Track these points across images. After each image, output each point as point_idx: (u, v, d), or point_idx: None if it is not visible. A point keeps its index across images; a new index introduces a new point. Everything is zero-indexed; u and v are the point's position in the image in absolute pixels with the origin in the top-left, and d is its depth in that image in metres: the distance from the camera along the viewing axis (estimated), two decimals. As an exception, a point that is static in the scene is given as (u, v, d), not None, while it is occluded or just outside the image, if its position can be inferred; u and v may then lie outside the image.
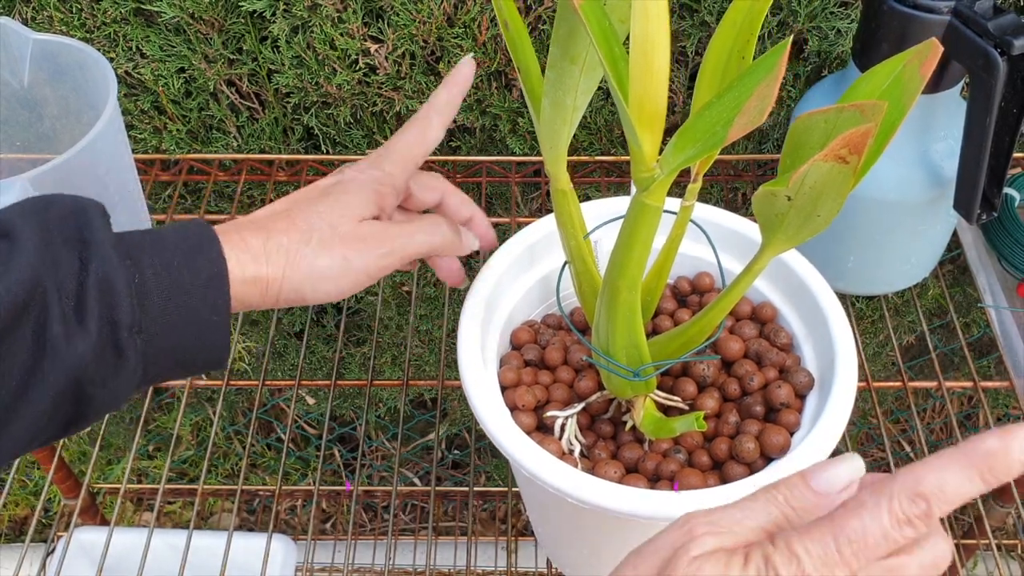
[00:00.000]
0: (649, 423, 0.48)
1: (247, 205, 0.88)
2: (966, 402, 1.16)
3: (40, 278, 0.37)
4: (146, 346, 0.40)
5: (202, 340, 0.42)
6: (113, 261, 0.39)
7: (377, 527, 1.31)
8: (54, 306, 0.37)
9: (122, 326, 0.39)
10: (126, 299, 0.39)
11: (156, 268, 0.40)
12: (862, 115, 0.34)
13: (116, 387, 0.40)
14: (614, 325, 0.44)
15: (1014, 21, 0.49)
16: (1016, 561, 1.23)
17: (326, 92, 0.77)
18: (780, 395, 0.50)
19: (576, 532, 0.52)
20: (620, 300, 0.43)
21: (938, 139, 0.58)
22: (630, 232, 0.40)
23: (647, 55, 0.34)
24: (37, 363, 0.37)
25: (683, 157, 0.37)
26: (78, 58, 0.63)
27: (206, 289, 0.41)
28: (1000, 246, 0.68)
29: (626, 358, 0.45)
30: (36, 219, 0.39)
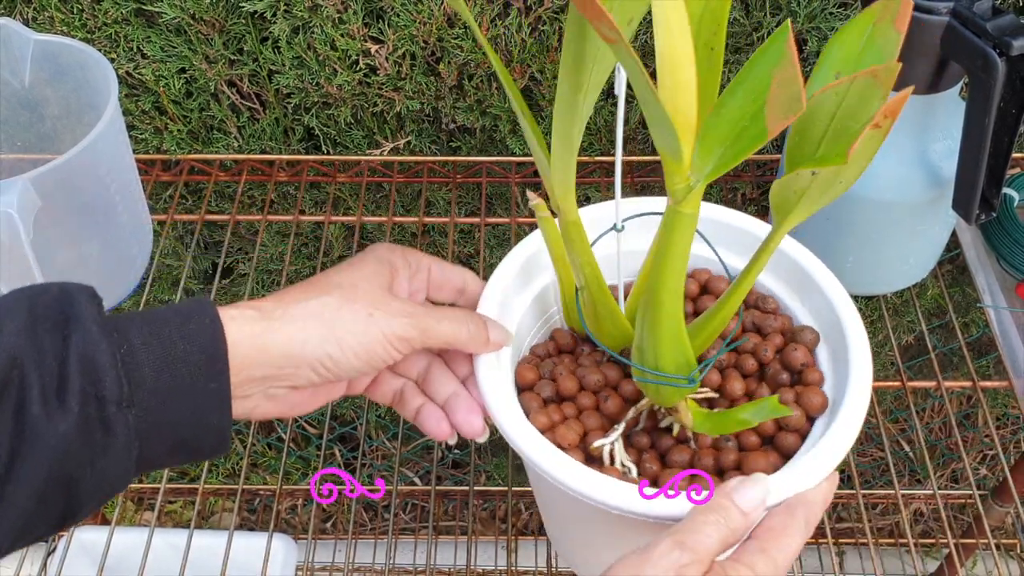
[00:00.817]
0: (705, 421, 0.47)
1: (247, 205, 0.88)
2: (965, 402, 1.16)
3: (18, 359, 0.36)
4: (139, 422, 0.38)
5: (201, 414, 0.40)
6: (94, 335, 0.37)
7: (377, 527, 1.31)
8: (33, 387, 0.36)
9: (108, 401, 0.37)
10: (111, 372, 0.37)
11: (145, 338, 0.39)
12: (876, 81, 0.34)
13: (105, 467, 0.38)
14: (660, 337, 0.43)
15: (1013, 22, 0.50)
16: (1015, 561, 1.23)
17: (327, 92, 0.77)
18: (798, 357, 0.50)
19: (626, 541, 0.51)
20: (664, 312, 0.42)
21: (937, 139, 0.59)
22: (668, 243, 0.40)
23: (675, 68, 0.34)
24: (17, 447, 0.35)
25: (713, 161, 0.36)
26: (79, 58, 0.63)
27: (202, 355, 0.39)
28: (999, 246, 0.68)
29: (674, 366, 0.45)
30: (23, 306, 0.37)
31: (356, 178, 0.82)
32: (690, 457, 0.48)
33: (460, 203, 0.86)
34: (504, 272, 0.51)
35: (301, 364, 0.42)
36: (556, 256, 0.47)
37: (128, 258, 0.67)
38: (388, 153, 0.81)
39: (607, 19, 0.29)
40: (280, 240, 0.91)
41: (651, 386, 0.46)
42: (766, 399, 0.45)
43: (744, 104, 0.37)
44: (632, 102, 0.77)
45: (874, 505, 1.25)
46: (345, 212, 0.87)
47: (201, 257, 0.94)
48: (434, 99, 0.78)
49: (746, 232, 0.54)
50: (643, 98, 0.33)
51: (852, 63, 0.39)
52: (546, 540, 0.67)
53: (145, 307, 0.92)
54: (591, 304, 0.48)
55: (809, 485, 0.42)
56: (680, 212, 0.38)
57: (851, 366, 0.48)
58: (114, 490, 0.39)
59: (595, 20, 0.30)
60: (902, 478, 1.24)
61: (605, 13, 0.29)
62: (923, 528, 1.29)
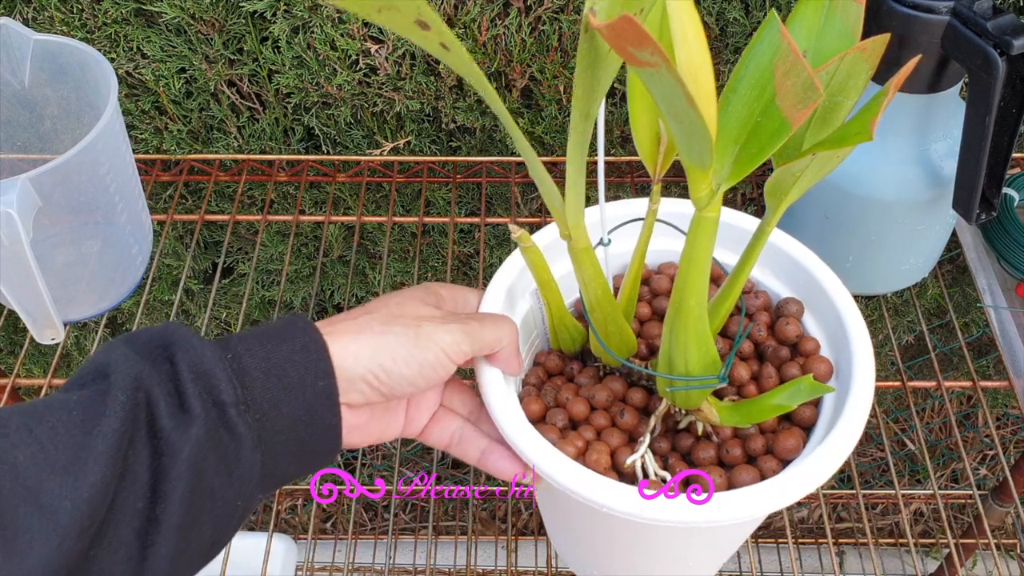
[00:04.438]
0: (734, 414, 0.47)
1: (247, 205, 0.88)
2: (965, 402, 1.16)
3: (142, 380, 0.37)
4: (258, 425, 0.39)
5: (314, 413, 0.40)
6: (198, 348, 0.38)
7: (377, 526, 1.31)
8: (159, 403, 0.37)
9: (227, 404, 0.38)
10: (222, 377, 0.38)
11: (248, 345, 0.40)
12: (864, 55, 0.35)
13: (241, 475, 0.38)
14: (687, 343, 0.43)
15: (1013, 21, 0.50)
16: (1015, 560, 1.23)
17: (326, 92, 0.77)
18: (791, 330, 0.50)
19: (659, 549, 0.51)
20: (693, 317, 0.42)
21: (937, 139, 0.58)
22: (695, 249, 0.40)
23: (696, 78, 0.34)
24: (159, 467, 0.36)
25: (728, 161, 0.37)
26: (79, 58, 0.63)
27: (305, 354, 0.40)
28: (999, 246, 0.68)
29: (701, 367, 0.45)
30: (124, 347, 0.38)
31: (356, 178, 0.82)
32: (716, 452, 0.48)
33: (460, 203, 0.86)
34: (493, 301, 0.50)
35: (354, 377, 0.41)
36: (543, 282, 0.47)
37: (128, 258, 0.67)
38: (388, 153, 0.81)
39: (652, 44, 0.29)
40: (280, 240, 0.91)
41: (680, 392, 0.46)
42: (800, 380, 0.45)
43: (749, 101, 0.37)
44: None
45: (874, 505, 1.25)
46: (345, 212, 0.87)
47: (201, 257, 0.94)
48: (434, 99, 0.78)
49: (731, 227, 0.55)
50: (679, 115, 0.33)
51: (814, 39, 0.39)
52: (546, 540, 0.67)
53: (145, 307, 0.92)
54: (602, 323, 0.48)
55: (831, 467, 0.43)
56: (705, 217, 0.39)
57: (851, 342, 0.48)
58: (247, 508, 0.39)
59: (637, 47, 0.29)
60: (902, 478, 1.24)
61: (649, 37, 0.28)
62: (923, 528, 1.29)
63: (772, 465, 0.46)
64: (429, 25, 0.31)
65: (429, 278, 0.94)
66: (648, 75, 0.31)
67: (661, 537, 0.49)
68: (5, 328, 1.01)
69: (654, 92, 0.32)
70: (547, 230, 0.53)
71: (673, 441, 0.49)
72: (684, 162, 0.37)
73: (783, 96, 0.34)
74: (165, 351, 0.39)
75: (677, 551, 0.51)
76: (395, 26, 0.32)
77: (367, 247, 0.92)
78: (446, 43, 0.32)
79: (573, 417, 0.48)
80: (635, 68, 0.31)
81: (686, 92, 0.30)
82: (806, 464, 0.44)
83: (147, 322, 1.00)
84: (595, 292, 0.46)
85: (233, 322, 1.01)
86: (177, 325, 0.40)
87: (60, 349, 0.70)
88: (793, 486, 0.43)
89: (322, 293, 0.97)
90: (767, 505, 0.43)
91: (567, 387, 0.50)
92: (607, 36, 0.29)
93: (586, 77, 0.36)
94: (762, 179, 0.80)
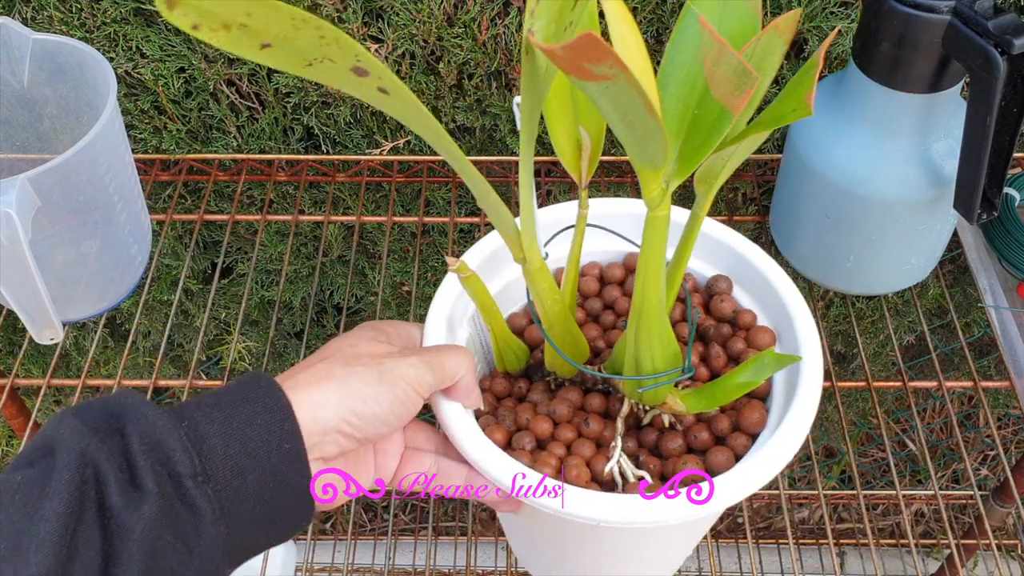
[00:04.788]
0: (699, 400, 0.47)
1: (247, 205, 0.88)
2: (966, 402, 1.16)
3: (89, 455, 0.34)
4: (220, 496, 0.36)
5: (282, 478, 0.38)
6: (150, 417, 0.36)
7: (377, 527, 1.31)
8: (109, 480, 0.34)
9: (183, 476, 0.35)
10: (177, 447, 0.36)
11: (205, 411, 0.37)
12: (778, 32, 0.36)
13: (203, 551, 0.36)
14: (652, 342, 0.44)
15: (1014, 21, 0.49)
16: (1016, 561, 1.23)
17: (326, 92, 0.77)
18: (726, 307, 0.51)
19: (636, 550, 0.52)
20: (655, 315, 0.43)
21: (938, 139, 0.58)
22: (651, 248, 0.40)
23: (643, 83, 0.34)
24: (110, 549, 0.33)
25: (672, 158, 0.37)
26: (78, 58, 0.63)
27: (268, 416, 0.38)
28: (1000, 246, 0.68)
29: (666, 363, 0.45)
30: (73, 419, 0.36)
31: (356, 178, 0.82)
32: (683, 440, 0.48)
33: (460, 203, 0.86)
34: (435, 333, 0.49)
35: (326, 428, 0.40)
36: (485, 307, 0.47)
37: (127, 258, 0.67)
38: (388, 153, 0.81)
39: (613, 57, 0.29)
40: (279, 240, 0.91)
41: (648, 391, 0.46)
42: (762, 355, 0.46)
43: (682, 95, 0.37)
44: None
45: (875, 506, 1.25)
46: (344, 212, 0.87)
47: (200, 257, 0.94)
48: (434, 98, 0.77)
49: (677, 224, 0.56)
50: (634, 122, 0.33)
51: (715, 24, 0.40)
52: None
53: (144, 307, 0.92)
54: (560, 336, 0.48)
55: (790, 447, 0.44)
56: (658, 216, 0.39)
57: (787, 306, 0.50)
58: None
59: (596, 62, 0.29)
60: (903, 478, 1.24)
61: (612, 51, 0.28)
62: (924, 529, 1.29)
63: (742, 441, 0.47)
64: (367, 71, 0.31)
65: (429, 278, 0.94)
66: (601, 88, 0.31)
67: (649, 537, 0.49)
68: (4, 328, 1.01)
69: (604, 103, 0.32)
70: (476, 250, 0.53)
71: (639, 438, 0.49)
72: (636, 165, 0.37)
73: (717, 86, 0.34)
74: (115, 422, 0.36)
75: (661, 544, 0.52)
76: (328, 79, 0.31)
77: (367, 247, 0.92)
78: (385, 87, 0.32)
79: (539, 437, 0.48)
80: (584, 83, 0.31)
81: (645, 99, 0.31)
82: (780, 433, 0.45)
83: (147, 322, 1.00)
84: (552, 308, 0.46)
85: (232, 322, 1.01)
86: (129, 393, 0.38)
87: (59, 349, 0.70)
88: (779, 451, 0.44)
89: (321, 293, 0.97)
90: (760, 478, 0.43)
91: (524, 408, 0.49)
92: (563, 56, 0.29)
93: (530, 99, 0.37)
94: (763, 179, 0.80)
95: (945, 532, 0.64)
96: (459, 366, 0.45)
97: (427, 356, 0.44)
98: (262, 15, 0.28)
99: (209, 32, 0.28)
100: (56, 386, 0.72)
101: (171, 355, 1.06)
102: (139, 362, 1.06)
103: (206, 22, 0.28)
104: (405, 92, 0.32)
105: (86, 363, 0.69)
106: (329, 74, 0.31)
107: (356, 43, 0.30)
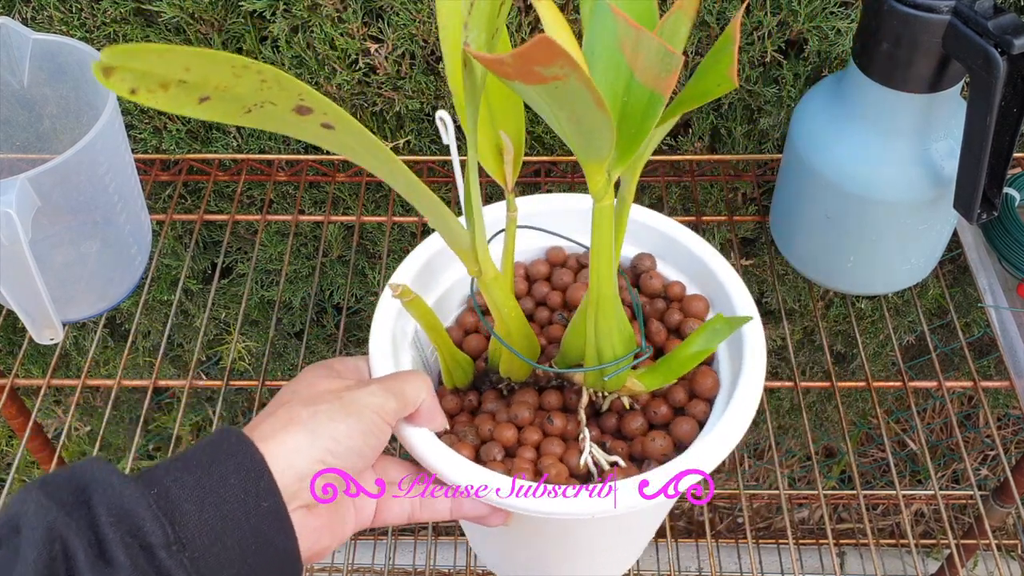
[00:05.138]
0: (656, 377, 0.48)
1: (247, 205, 0.88)
2: (966, 402, 1.16)
3: (56, 530, 0.33)
4: (198, 565, 0.35)
5: (263, 539, 0.36)
6: (116, 486, 0.34)
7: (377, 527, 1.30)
8: (78, 554, 0.32)
9: (155, 547, 0.34)
10: (146, 516, 0.34)
11: (176, 475, 0.36)
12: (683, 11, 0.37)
13: None
14: (611, 330, 0.45)
15: (1014, 21, 0.49)
16: (1016, 561, 1.23)
17: (326, 92, 0.77)
18: (655, 283, 0.53)
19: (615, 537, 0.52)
20: (610, 304, 0.44)
21: (938, 139, 0.58)
22: (600, 239, 0.42)
23: None
24: None
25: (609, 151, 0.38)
26: (78, 58, 0.63)
27: (242, 474, 0.36)
28: (1000, 246, 0.68)
29: (624, 347, 0.46)
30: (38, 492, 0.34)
31: (355, 178, 0.82)
32: (644, 418, 0.49)
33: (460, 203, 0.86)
34: (381, 362, 0.49)
35: (304, 474, 0.39)
36: (431, 327, 0.47)
37: (127, 258, 0.67)
38: (388, 153, 0.81)
39: (565, 56, 0.29)
40: (279, 240, 0.91)
41: (612, 379, 0.48)
42: (712, 321, 0.47)
43: (607, 84, 0.38)
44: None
45: (875, 506, 1.25)
46: (344, 212, 0.87)
47: (200, 257, 0.94)
48: (434, 98, 0.77)
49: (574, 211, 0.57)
50: (582, 118, 0.33)
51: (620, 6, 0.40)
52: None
53: (144, 307, 0.92)
54: (519, 341, 0.48)
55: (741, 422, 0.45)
56: (604, 207, 0.41)
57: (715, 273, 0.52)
58: None
59: (547, 64, 0.29)
60: (903, 479, 1.24)
61: (564, 50, 0.28)
62: (924, 529, 1.29)
63: (701, 408, 0.49)
64: (311, 108, 0.30)
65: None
66: (549, 89, 0.31)
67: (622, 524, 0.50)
68: (4, 328, 1.01)
69: (548, 104, 0.33)
70: (409, 264, 0.53)
71: (600, 425, 0.50)
72: (582, 160, 0.38)
73: (642, 71, 0.34)
74: (81, 494, 0.35)
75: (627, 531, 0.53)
76: (267, 124, 0.31)
77: (367, 247, 0.92)
78: (330, 121, 0.31)
79: (506, 445, 0.48)
80: (525, 87, 0.31)
81: (595, 93, 0.31)
82: (736, 399, 0.46)
83: (147, 322, 1.00)
84: (510, 315, 0.47)
85: (232, 322, 1.01)
86: (95, 461, 0.36)
87: (59, 349, 0.70)
88: (733, 425, 0.45)
89: (321, 293, 0.97)
90: (725, 448, 0.45)
91: (483, 419, 0.50)
92: (512, 63, 0.29)
93: (472, 111, 0.37)
94: (763, 179, 0.80)
95: (945, 532, 0.64)
96: (419, 390, 0.44)
97: (386, 384, 0.43)
98: (201, 68, 0.28)
99: (147, 94, 0.28)
100: (56, 386, 0.72)
101: (171, 355, 1.06)
102: (139, 362, 1.06)
103: (143, 84, 0.28)
104: (352, 123, 0.32)
105: (86, 363, 0.69)
106: (268, 118, 0.30)
107: (299, 82, 0.29)
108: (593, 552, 0.52)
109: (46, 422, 1.17)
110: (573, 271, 0.57)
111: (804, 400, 0.97)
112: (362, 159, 0.35)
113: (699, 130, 0.79)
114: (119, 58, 0.27)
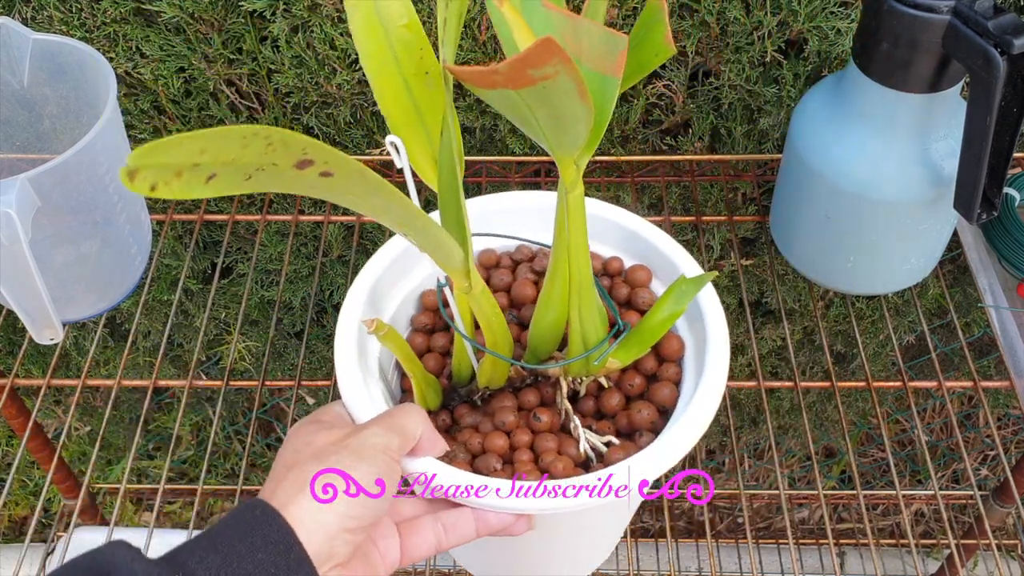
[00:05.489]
0: (630, 350, 0.50)
1: (246, 205, 0.88)
2: (966, 402, 1.16)
3: None
4: None
5: None
6: (139, 574, 0.33)
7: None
8: None
9: None
10: None
11: (200, 555, 0.35)
12: None
13: None
14: (592, 316, 0.47)
15: (1014, 21, 0.49)
16: (1016, 561, 1.23)
17: (326, 92, 0.77)
18: (595, 263, 0.55)
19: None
20: (588, 290, 0.46)
21: (938, 139, 0.58)
22: (575, 227, 0.43)
23: None
24: None
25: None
26: (78, 58, 0.63)
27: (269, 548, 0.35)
28: (1000, 246, 0.68)
29: (604, 329, 0.48)
30: None
31: (356, 178, 0.82)
32: (620, 393, 0.50)
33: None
34: (359, 405, 0.48)
35: (332, 533, 0.38)
36: (406, 357, 0.47)
37: (127, 258, 0.67)
38: (387, 153, 0.81)
39: (560, 54, 0.29)
40: (279, 240, 0.91)
41: (596, 364, 0.49)
42: (677, 283, 0.49)
43: None
44: (631, 103, 0.77)
45: (875, 506, 1.25)
46: (344, 212, 0.87)
47: (200, 257, 0.94)
48: (434, 99, 0.77)
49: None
50: (566, 112, 0.34)
51: None
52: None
53: (144, 307, 0.92)
54: (503, 347, 0.48)
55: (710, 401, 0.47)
56: (576, 196, 0.42)
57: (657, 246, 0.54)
58: None
59: (541, 65, 0.29)
60: (903, 478, 1.24)
61: (561, 49, 0.29)
62: (924, 529, 1.29)
63: (674, 370, 0.50)
64: (312, 160, 0.30)
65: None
66: (537, 89, 0.31)
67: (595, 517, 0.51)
68: (4, 328, 1.01)
69: (533, 104, 0.33)
70: (365, 278, 0.54)
71: (579, 410, 0.51)
72: (557, 154, 0.39)
73: (588, 57, 0.35)
74: None
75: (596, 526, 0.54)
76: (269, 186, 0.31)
77: (367, 247, 0.92)
78: (329, 169, 0.31)
79: (500, 453, 0.48)
80: (503, 92, 0.31)
81: (581, 85, 0.31)
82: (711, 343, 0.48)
83: (147, 322, 1.00)
84: (496, 323, 0.47)
85: (232, 322, 1.01)
86: (117, 546, 0.35)
87: (59, 349, 0.70)
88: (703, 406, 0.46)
89: (321, 293, 0.97)
90: (701, 425, 0.46)
91: (467, 434, 0.49)
92: (509, 70, 0.29)
93: (446, 127, 0.38)
94: (763, 179, 0.80)
95: (945, 532, 0.64)
96: (416, 423, 0.44)
97: (385, 423, 0.43)
98: (214, 147, 0.28)
99: (164, 187, 0.28)
100: (56, 386, 0.72)
101: (171, 355, 1.06)
102: (139, 362, 1.06)
103: (161, 179, 0.28)
104: (351, 164, 0.32)
105: (86, 363, 0.69)
106: (269, 180, 0.30)
107: (304, 137, 0.29)
108: (577, 547, 0.53)
109: (46, 422, 1.17)
110: (510, 269, 0.56)
111: (804, 400, 0.96)
112: (359, 203, 0.34)
113: (699, 130, 0.79)
114: (143, 159, 0.27)
